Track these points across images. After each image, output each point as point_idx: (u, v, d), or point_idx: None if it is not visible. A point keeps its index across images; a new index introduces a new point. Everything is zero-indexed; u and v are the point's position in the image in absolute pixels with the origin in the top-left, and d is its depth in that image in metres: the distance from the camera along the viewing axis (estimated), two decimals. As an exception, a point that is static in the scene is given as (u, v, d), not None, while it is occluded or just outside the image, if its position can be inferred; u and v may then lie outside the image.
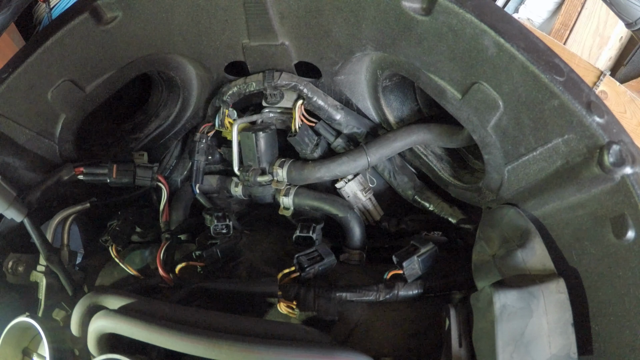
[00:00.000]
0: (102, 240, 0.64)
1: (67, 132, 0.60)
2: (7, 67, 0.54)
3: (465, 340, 0.42)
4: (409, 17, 0.43)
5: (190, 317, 0.44)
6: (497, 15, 0.39)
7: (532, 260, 0.41)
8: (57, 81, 0.55)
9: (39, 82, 0.55)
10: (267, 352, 0.38)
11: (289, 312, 0.50)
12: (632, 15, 0.83)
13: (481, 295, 0.41)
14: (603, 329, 0.38)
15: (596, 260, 0.38)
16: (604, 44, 2.05)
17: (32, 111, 0.56)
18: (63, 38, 0.53)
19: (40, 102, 0.56)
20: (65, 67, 0.55)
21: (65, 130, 0.59)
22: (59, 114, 0.58)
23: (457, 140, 0.57)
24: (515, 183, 0.46)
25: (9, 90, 0.54)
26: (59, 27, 0.52)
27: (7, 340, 0.56)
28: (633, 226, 0.34)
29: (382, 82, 0.56)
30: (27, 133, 0.58)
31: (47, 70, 0.54)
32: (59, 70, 0.55)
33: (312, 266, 0.53)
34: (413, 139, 0.57)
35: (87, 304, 0.52)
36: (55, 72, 0.55)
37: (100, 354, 0.46)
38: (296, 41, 0.54)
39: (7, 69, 0.54)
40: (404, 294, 0.51)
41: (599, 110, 0.36)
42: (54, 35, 0.52)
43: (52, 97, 0.56)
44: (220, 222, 0.60)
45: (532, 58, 0.38)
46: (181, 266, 0.57)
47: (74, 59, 0.54)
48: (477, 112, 0.44)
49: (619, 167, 0.35)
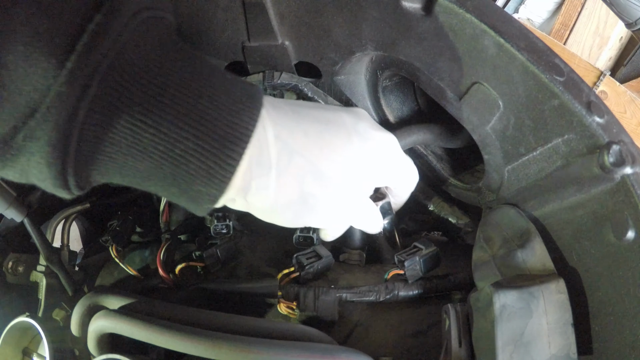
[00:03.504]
0: (102, 240, 0.64)
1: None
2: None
3: (465, 340, 0.42)
4: (409, 17, 0.43)
5: (190, 317, 0.44)
6: (497, 15, 0.39)
7: (532, 260, 0.41)
8: None
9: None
10: (267, 352, 0.38)
11: (289, 313, 0.50)
12: (632, 15, 0.83)
13: (481, 295, 0.41)
14: (603, 329, 0.38)
15: (596, 260, 0.38)
16: (604, 44, 2.05)
17: None
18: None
19: None
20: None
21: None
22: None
23: (457, 140, 0.57)
24: (515, 183, 0.46)
25: None
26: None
27: (7, 340, 0.56)
28: (633, 226, 0.34)
29: (382, 82, 0.56)
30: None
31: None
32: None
33: (311, 265, 0.53)
34: (413, 139, 0.57)
35: (87, 304, 0.52)
36: None
37: (100, 354, 0.46)
38: (296, 41, 0.54)
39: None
40: (404, 294, 0.51)
41: (599, 110, 0.36)
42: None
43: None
44: (220, 222, 0.60)
45: (532, 58, 0.38)
46: (181, 266, 0.57)
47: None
48: (477, 112, 0.44)
49: (619, 167, 0.35)
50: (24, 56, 0.26)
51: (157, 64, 0.31)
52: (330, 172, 0.40)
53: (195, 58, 0.34)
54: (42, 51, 0.26)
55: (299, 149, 0.39)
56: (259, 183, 0.37)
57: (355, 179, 0.42)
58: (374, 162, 0.44)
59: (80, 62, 0.27)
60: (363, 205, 0.47)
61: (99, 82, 0.28)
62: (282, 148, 0.38)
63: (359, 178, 0.43)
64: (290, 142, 0.38)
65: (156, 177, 0.34)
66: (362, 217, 0.48)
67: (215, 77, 0.34)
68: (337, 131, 0.41)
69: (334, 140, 0.41)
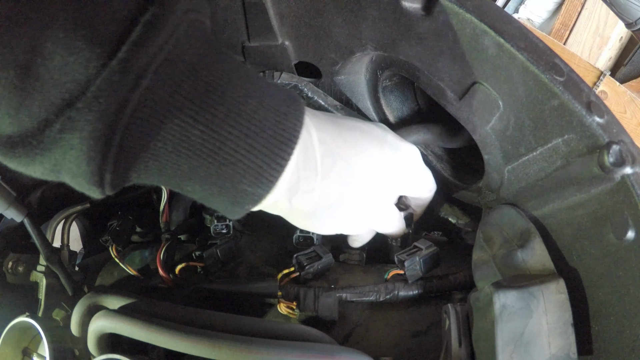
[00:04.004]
0: (102, 240, 0.64)
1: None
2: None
3: (465, 340, 0.42)
4: (409, 17, 0.43)
5: (190, 317, 0.44)
6: (497, 15, 0.39)
7: (532, 260, 0.41)
8: None
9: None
10: (267, 352, 0.38)
11: (289, 313, 0.50)
12: (632, 15, 0.83)
13: (481, 295, 0.41)
14: (603, 329, 0.38)
15: (596, 260, 0.38)
16: (604, 44, 2.05)
17: None
18: None
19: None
20: None
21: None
22: None
23: (457, 140, 0.57)
24: (515, 183, 0.46)
25: None
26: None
27: (7, 340, 0.56)
28: (633, 226, 0.34)
29: (382, 82, 0.56)
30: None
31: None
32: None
33: (311, 264, 0.53)
34: (413, 139, 0.57)
35: (87, 304, 0.52)
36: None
37: (100, 354, 0.46)
38: (296, 41, 0.54)
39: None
40: (404, 294, 0.51)
41: (599, 110, 0.36)
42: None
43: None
44: (220, 222, 0.60)
45: (532, 58, 0.38)
46: (181, 266, 0.57)
47: None
48: (477, 112, 0.44)
49: (619, 167, 0.34)
50: (64, 44, 0.25)
51: (206, 62, 0.31)
52: (367, 177, 0.42)
53: (237, 61, 0.34)
54: (86, 39, 0.25)
55: (341, 154, 0.40)
56: (305, 185, 0.38)
57: (387, 185, 0.44)
58: (402, 170, 0.46)
59: (135, 53, 0.26)
60: (391, 211, 0.49)
61: (153, 74, 0.27)
62: (326, 152, 0.39)
63: (390, 184, 0.45)
64: (332, 147, 0.39)
65: (197, 177, 0.33)
66: (390, 223, 0.50)
67: (259, 79, 0.34)
68: (370, 140, 0.43)
69: (369, 147, 0.43)
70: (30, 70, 0.25)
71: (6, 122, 0.26)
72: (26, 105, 0.25)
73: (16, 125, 0.26)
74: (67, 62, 0.25)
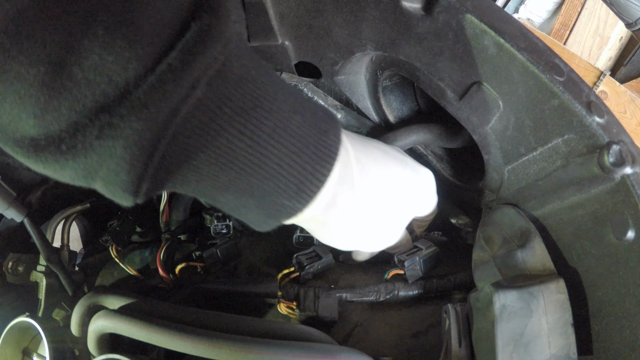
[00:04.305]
0: (102, 240, 0.64)
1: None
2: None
3: (465, 340, 0.42)
4: (409, 17, 0.43)
5: (190, 317, 0.44)
6: (497, 15, 0.39)
7: (532, 260, 0.41)
8: None
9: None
10: (267, 352, 0.38)
11: (289, 313, 0.50)
12: (632, 15, 0.83)
13: (481, 295, 0.41)
14: (603, 329, 0.38)
15: (596, 260, 0.38)
16: (604, 44, 2.04)
17: None
18: None
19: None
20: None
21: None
22: None
23: (457, 140, 0.57)
24: (515, 183, 0.46)
25: None
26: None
27: (7, 340, 0.56)
28: (633, 226, 0.34)
29: (382, 82, 0.56)
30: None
31: None
32: None
33: (311, 265, 0.53)
34: (413, 139, 0.57)
35: (87, 304, 0.52)
36: None
37: (100, 354, 0.46)
38: (296, 41, 0.54)
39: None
40: (404, 294, 0.51)
41: (599, 110, 0.36)
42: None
43: None
44: (220, 222, 0.60)
45: (532, 58, 0.38)
46: (181, 266, 0.57)
47: None
48: (477, 112, 0.44)
49: (619, 167, 0.35)
50: (103, 42, 0.23)
51: (252, 75, 0.30)
52: (395, 196, 0.43)
53: (277, 74, 0.34)
54: (128, 38, 0.23)
55: (374, 173, 0.41)
56: (342, 200, 0.38)
57: (409, 205, 0.46)
58: (421, 192, 0.47)
59: (188, 60, 0.25)
60: (403, 231, 0.49)
61: (206, 85, 0.27)
62: (361, 170, 0.40)
63: (410, 205, 0.46)
64: (367, 166, 0.40)
65: (235, 189, 0.32)
66: (400, 242, 0.51)
67: (300, 94, 0.35)
68: (395, 162, 0.44)
69: (396, 169, 0.44)
70: (62, 68, 0.23)
71: (30, 122, 0.24)
72: (54, 106, 0.23)
73: (42, 127, 0.24)
74: (105, 61, 0.23)
